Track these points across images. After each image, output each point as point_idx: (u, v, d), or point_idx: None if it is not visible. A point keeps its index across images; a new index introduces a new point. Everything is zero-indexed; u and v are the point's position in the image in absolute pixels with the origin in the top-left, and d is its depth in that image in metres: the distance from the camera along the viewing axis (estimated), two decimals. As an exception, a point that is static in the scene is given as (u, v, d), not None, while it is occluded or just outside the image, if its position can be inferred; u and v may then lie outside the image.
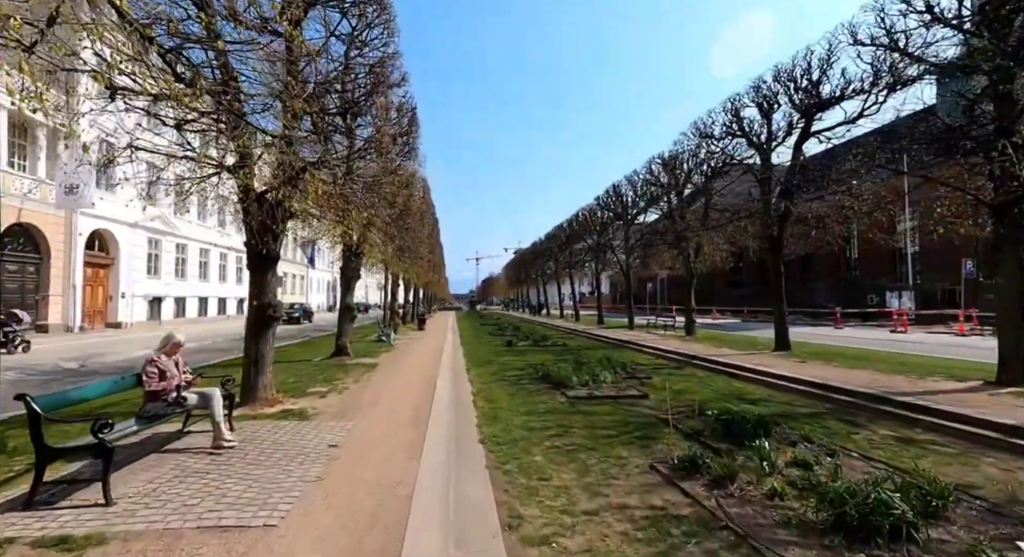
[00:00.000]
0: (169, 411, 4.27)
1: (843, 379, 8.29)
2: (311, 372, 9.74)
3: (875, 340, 16.48)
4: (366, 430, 5.50)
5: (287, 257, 44.83)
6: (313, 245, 46.79)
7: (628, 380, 9.58)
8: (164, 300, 25.39)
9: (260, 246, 6.27)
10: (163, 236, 25.44)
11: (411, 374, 10.16)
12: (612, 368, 10.08)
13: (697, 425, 5.79)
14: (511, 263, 73.15)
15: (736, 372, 10.05)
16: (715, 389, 8.66)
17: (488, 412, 6.97)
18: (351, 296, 11.76)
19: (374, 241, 12.07)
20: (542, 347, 16.66)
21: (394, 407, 6.91)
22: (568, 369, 9.76)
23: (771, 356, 11.57)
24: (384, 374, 9.96)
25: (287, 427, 5.40)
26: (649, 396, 8.01)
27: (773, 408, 7.07)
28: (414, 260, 19.05)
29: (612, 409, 7.17)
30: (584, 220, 28.73)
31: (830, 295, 32.15)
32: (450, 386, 8.94)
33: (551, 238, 37.58)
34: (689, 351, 13.17)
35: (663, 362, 12.49)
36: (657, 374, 10.40)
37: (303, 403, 6.79)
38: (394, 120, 11.14)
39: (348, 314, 11.66)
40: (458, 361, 12.66)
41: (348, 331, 11.75)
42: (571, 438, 5.65)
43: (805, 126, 11.38)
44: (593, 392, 8.28)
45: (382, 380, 9.20)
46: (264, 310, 6.33)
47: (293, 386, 8.13)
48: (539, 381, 9.61)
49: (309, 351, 13.75)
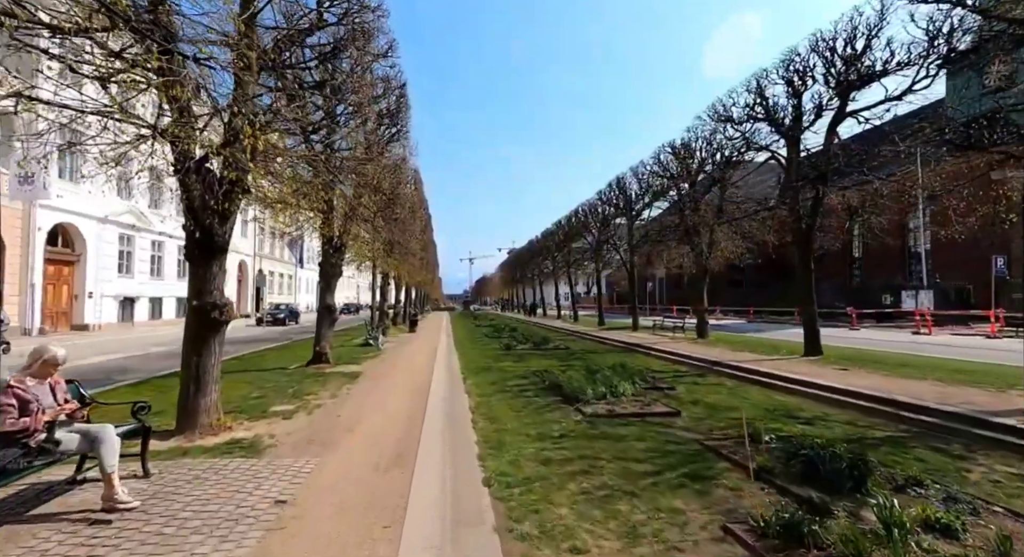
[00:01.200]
0: (25, 464, 2.89)
1: (905, 392, 7.05)
2: (281, 383, 8.35)
3: (900, 343, 15.36)
4: (333, 473, 4.15)
5: (274, 255, 43.16)
6: (301, 243, 45.13)
7: (650, 392, 8.31)
8: (138, 300, 23.78)
9: (200, 230, 4.91)
10: (137, 232, 23.83)
11: (399, 385, 8.81)
12: (630, 377, 8.80)
13: (764, 460, 4.50)
14: (506, 262, 71.86)
15: (772, 382, 8.80)
16: (755, 403, 7.41)
17: (491, 435, 5.67)
18: (332, 295, 10.38)
19: (358, 233, 10.72)
20: (543, 351, 15.37)
21: (374, 432, 5.57)
22: (580, 378, 8.48)
23: (804, 362, 10.35)
24: (367, 386, 8.60)
25: (226, 470, 4.04)
26: (681, 414, 6.74)
27: (837, 430, 5.82)
28: (404, 257, 17.70)
29: (641, 431, 5.89)
30: (584, 216, 27.48)
31: (836, 295, 31.15)
32: (444, 400, 7.62)
33: (548, 236, 36.32)
34: (707, 356, 11.93)
35: (682, 368, 11.23)
36: (679, 383, 9.15)
37: (259, 428, 5.42)
38: (379, 91, 9.80)
39: (328, 316, 10.28)
40: (453, 367, 11.33)
41: (328, 335, 10.37)
42: (601, 476, 4.36)
43: (841, 104, 10.17)
44: (614, 408, 7.00)
45: (364, 394, 7.84)
46: (206, 312, 4.96)
47: (254, 403, 6.75)
48: (547, 392, 8.32)
49: (286, 356, 12.34)
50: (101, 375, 10.04)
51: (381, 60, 9.58)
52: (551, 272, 37.52)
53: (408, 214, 16.86)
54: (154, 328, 23.83)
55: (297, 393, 7.52)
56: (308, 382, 8.50)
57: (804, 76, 10.25)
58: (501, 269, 75.22)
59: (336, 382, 8.64)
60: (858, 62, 9.21)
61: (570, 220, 30.85)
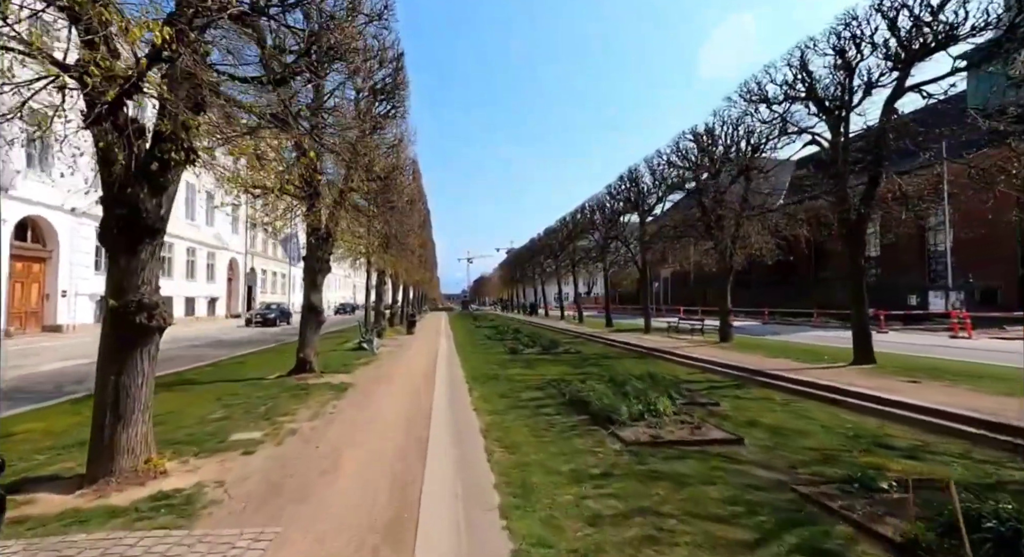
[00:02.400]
0: None
1: (1018, 415, 5.76)
2: (253, 400, 7.00)
3: (945, 348, 14.11)
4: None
5: (266, 253, 41.70)
6: (295, 240, 43.74)
7: (690, 408, 7.00)
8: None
9: (120, 204, 3.58)
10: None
11: (394, 399, 7.48)
12: (664, 390, 7.49)
13: (912, 529, 3.16)
14: (505, 262, 70.53)
15: (833, 397, 7.50)
16: (824, 426, 6.11)
17: (513, 473, 4.38)
18: (318, 294, 9.02)
19: (349, 223, 9.40)
20: (554, 355, 14.06)
21: (361, 474, 4.23)
22: (607, 392, 7.18)
23: (859, 372, 9.06)
24: (357, 401, 7.26)
25: (131, 553, 2.70)
26: (744, 441, 5.44)
27: (961, 471, 4.51)
28: (402, 252, 16.38)
29: (704, 468, 4.59)
30: (590, 212, 26.17)
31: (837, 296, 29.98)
32: (448, 420, 6.30)
33: (551, 233, 35.01)
34: (742, 363, 10.64)
35: (715, 378, 9.93)
36: (720, 397, 7.86)
37: (207, 470, 4.08)
38: (374, 55, 8.46)
39: (313, 318, 8.92)
40: (456, 376, 10.01)
41: (314, 340, 9.02)
42: (679, 549, 3.06)
43: (901, 77, 8.89)
44: (658, 433, 5.69)
45: (352, 413, 6.50)
46: (129, 315, 3.62)
47: (212, 429, 5.39)
48: (571, 410, 7.01)
49: (269, 363, 10.98)
50: (50, 386, 8.67)
51: (375, 22, 8.24)
52: (553, 271, 36.21)
53: (406, 205, 15.52)
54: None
55: (270, 413, 6.16)
56: (286, 398, 7.15)
57: (860, 43, 8.95)
58: (501, 268, 73.89)
59: (320, 397, 7.29)
60: (934, 20, 7.90)
61: (575, 217, 29.55)
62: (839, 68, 9.68)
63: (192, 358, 12.77)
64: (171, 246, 27.22)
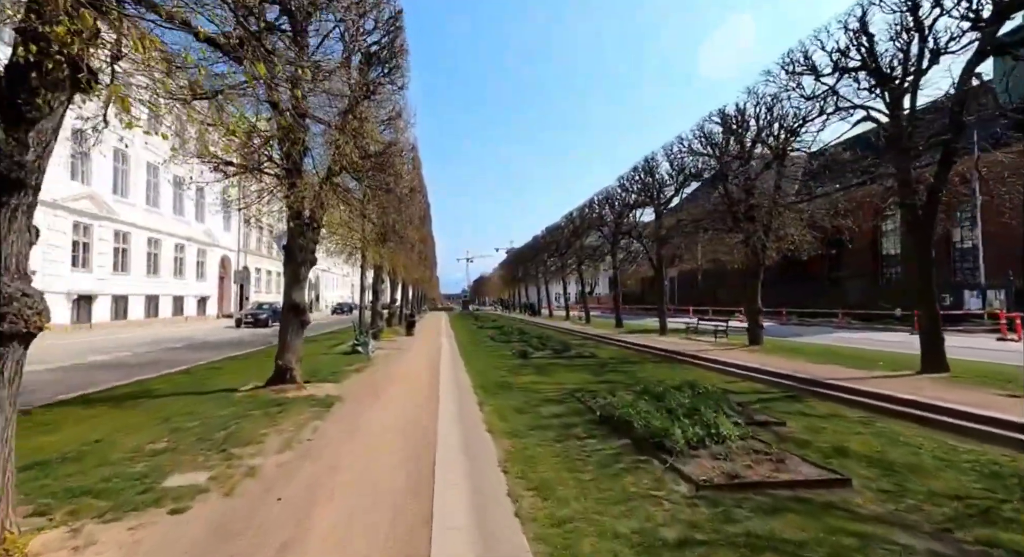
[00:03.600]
0: None
1: None
2: (212, 421, 5.64)
3: (995, 351, 12.79)
4: None
5: (260, 251, 40.29)
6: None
7: (752, 428, 5.68)
8: (96, 298, 20.97)
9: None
10: (96, 221, 21.01)
11: (390, 418, 6.14)
12: (715, 405, 6.17)
13: None
14: (506, 261, 69.21)
15: (923, 415, 6.17)
16: (940, 458, 4.79)
17: (554, 539, 3.09)
18: (301, 291, 7.67)
19: (337, 208, 8.07)
20: (568, 360, 12.74)
21: (337, 549, 2.88)
22: (649, 409, 5.88)
23: (933, 382, 7.73)
24: (343, 422, 5.92)
25: None
26: (852, 482, 4.11)
27: None
28: (400, 246, 15.04)
29: (818, 530, 3.27)
30: (599, 206, 24.84)
31: (867, 295, 28.71)
32: (458, 445, 4.97)
33: (556, 231, 33.68)
34: (783, 369, 9.32)
35: (759, 387, 8.61)
36: (780, 413, 6.55)
37: (102, 549, 2.73)
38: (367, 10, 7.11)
39: (295, 319, 7.56)
40: (463, 384, 8.68)
41: (296, 344, 7.64)
42: None
43: (990, 31, 7.56)
44: (733, 470, 4.35)
45: (334, 440, 5.15)
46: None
47: (143, 469, 4.04)
48: (605, 429, 5.73)
49: (247, 370, 9.64)
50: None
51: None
52: (558, 270, 34.87)
53: (405, 193, 14.15)
54: (116, 330, 21.05)
55: (228, 441, 4.80)
56: (255, 418, 5.79)
57: (939, -3, 7.63)
58: (502, 267, 72.55)
59: (298, 416, 5.94)
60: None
61: (582, 212, 28.22)
62: (907, 29, 8.36)
63: (167, 363, 11.43)
64: (157, 242, 25.85)
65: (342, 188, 7.95)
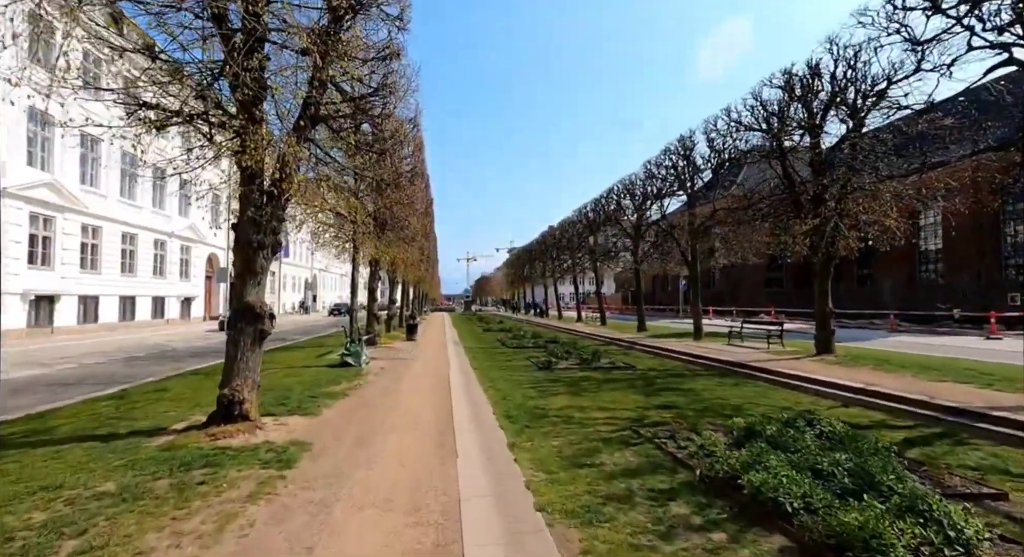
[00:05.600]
0: None
1: None
2: (83, 503, 3.38)
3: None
4: None
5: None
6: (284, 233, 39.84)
7: (957, 502, 3.42)
8: (59, 299, 18.70)
9: None
10: (59, 213, 18.74)
11: (382, 486, 3.86)
12: (884, 464, 3.92)
13: None
14: (510, 260, 66.88)
15: None
16: None
17: None
18: (256, 287, 5.38)
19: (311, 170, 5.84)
20: (602, 372, 10.47)
21: None
22: (790, 473, 3.66)
23: None
24: (303, 502, 3.63)
25: None
26: None
27: None
28: (399, 236, 12.75)
29: None
30: (619, 197, 22.55)
31: (901, 295, 26.49)
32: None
33: (569, 225, 31.38)
34: (897, 390, 7.04)
35: (878, 417, 6.32)
36: (961, 468, 4.28)
37: None
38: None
39: (248, 328, 5.26)
40: (482, 414, 6.41)
41: (250, 364, 5.30)
42: None
43: None
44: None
45: (281, 550, 2.87)
46: None
47: None
48: (725, 507, 3.45)
49: (197, 394, 7.36)
50: None
51: None
52: (569, 267, 32.59)
53: (402, 167, 11.88)
54: (82, 335, 18.79)
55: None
56: (159, 494, 3.52)
57: None
58: (506, 266, 70.19)
59: (230, 491, 3.66)
60: None
61: (598, 205, 25.94)
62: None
63: (110, 380, 9.19)
64: (133, 237, 23.57)
65: (316, 145, 5.69)
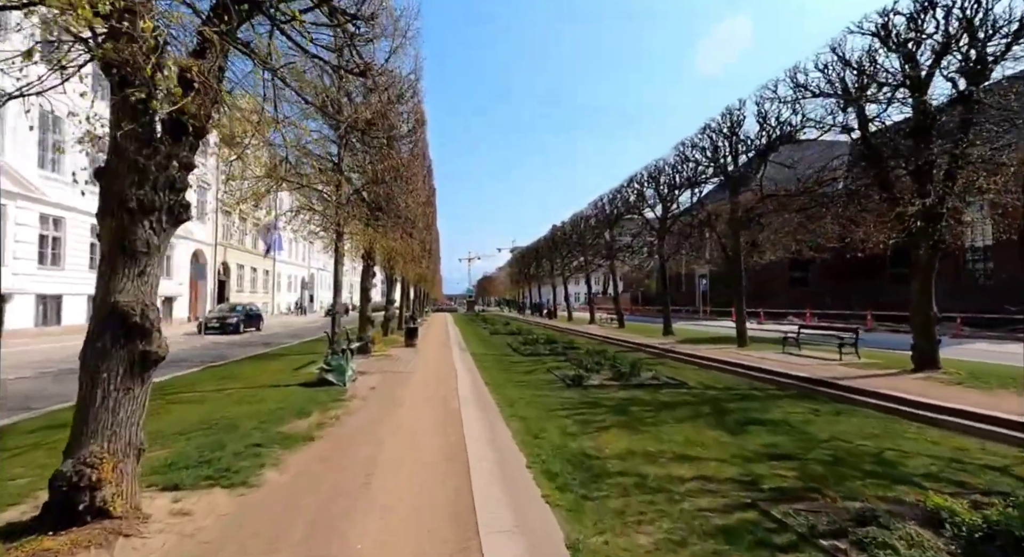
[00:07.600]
0: None
1: None
2: None
3: None
4: None
5: (243, 246, 35.79)
6: (276, 231, 37.62)
7: None
8: (10, 299, 16.51)
9: None
10: (10, 201, 16.57)
11: None
12: None
13: None
14: (513, 259, 64.65)
15: None
16: None
17: None
18: (141, 279, 3.15)
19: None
20: (648, 391, 8.22)
21: None
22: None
23: None
24: None
25: None
26: None
27: None
28: (397, 225, 10.55)
29: None
30: (641, 186, 20.32)
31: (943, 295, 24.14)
32: None
33: (581, 220, 29.15)
34: None
35: None
36: None
37: None
38: None
39: (120, 350, 3.00)
40: (512, 469, 4.14)
41: (126, 411, 3.05)
42: None
43: None
44: None
45: None
46: None
47: None
48: None
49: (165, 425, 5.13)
50: None
51: None
52: (580, 265, 30.38)
53: (409, 162, 9.64)
54: (38, 338, 16.60)
55: None
56: None
57: None
58: (510, 265, 67.94)
59: None
60: None
61: (615, 196, 23.72)
62: None
63: (28, 401, 7.00)
64: (104, 231, 21.37)
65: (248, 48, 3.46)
